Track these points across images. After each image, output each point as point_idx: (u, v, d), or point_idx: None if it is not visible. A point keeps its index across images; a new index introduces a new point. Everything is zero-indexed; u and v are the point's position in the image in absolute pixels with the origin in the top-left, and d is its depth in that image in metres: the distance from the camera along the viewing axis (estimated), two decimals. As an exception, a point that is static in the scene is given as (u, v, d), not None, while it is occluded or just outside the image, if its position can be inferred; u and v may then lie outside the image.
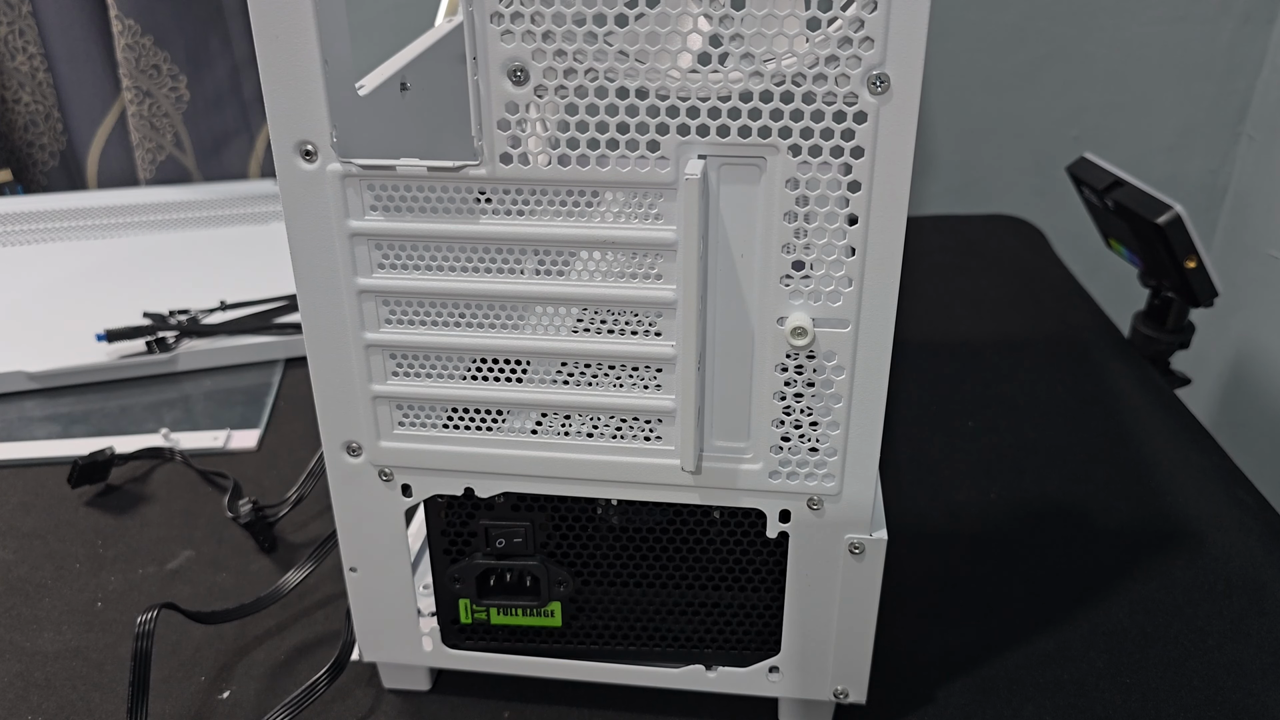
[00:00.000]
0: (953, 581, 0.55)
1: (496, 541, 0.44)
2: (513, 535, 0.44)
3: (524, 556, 0.44)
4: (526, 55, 0.34)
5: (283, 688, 0.49)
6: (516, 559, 0.44)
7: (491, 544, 0.44)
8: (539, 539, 0.44)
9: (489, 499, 0.43)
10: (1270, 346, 1.03)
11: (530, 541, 0.44)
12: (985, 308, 0.85)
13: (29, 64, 1.05)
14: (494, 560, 0.44)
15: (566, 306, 0.39)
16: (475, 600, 0.45)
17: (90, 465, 0.63)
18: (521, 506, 0.43)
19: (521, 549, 0.44)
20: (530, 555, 0.44)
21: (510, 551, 0.44)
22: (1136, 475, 0.63)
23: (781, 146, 0.34)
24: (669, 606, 0.45)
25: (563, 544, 0.44)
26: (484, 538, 0.44)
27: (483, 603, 0.45)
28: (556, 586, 0.45)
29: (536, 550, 0.44)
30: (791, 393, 0.39)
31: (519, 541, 0.44)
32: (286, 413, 0.73)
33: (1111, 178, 0.78)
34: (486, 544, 0.44)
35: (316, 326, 0.40)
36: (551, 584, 0.45)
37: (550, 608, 0.45)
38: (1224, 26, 1.03)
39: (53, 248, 0.95)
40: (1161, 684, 0.48)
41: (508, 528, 0.43)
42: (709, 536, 0.43)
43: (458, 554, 0.45)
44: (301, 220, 0.38)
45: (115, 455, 0.65)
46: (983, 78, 1.06)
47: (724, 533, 0.43)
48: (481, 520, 0.44)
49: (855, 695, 0.44)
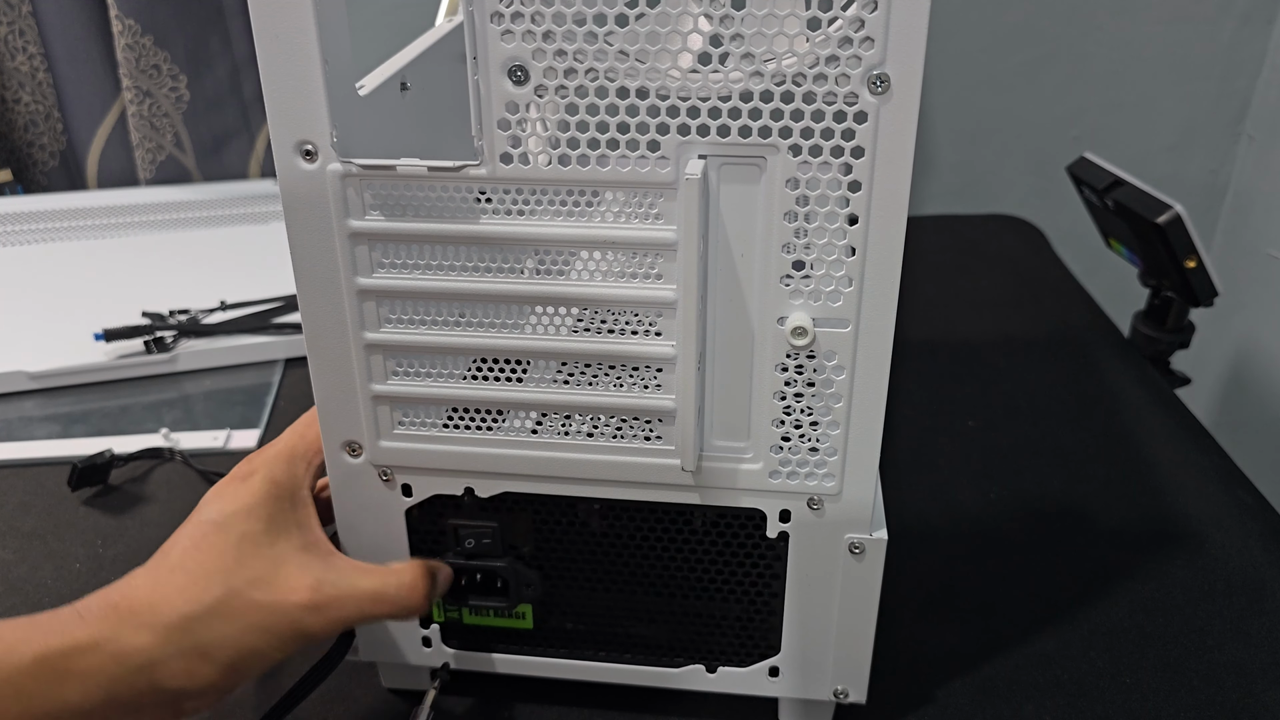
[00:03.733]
0: (953, 581, 0.55)
1: (465, 542, 0.44)
2: (481, 536, 0.44)
3: (492, 557, 0.44)
4: (527, 55, 0.34)
5: (283, 686, 0.49)
6: (484, 560, 0.44)
7: (460, 544, 0.44)
8: (508, 541, 0.44)
9: (458, 497, 0.43)
10: (1270, 346, 1.03)
11: (499, 543, 0.44)
12: (985, 308, 0.85)
13: (29, 64, 1.05)
14: (462, 560, 0.44)
15: (566, 306, 0.39)
16: (447, 601, 0.45)
17: (90, 468, 0.63)
18: (490, 507, 0.43)
19: (490, 550, 0.44)
20: (498, 556, 0.44)
21: (479, 552, 0.44)
22: (1136, 475, 0.63)
23: (782, 146, 0.34)
24: (650, 613, 0.45)
25: (539, 546, 0.44)
26: (453, 537, 0.44)
27: (454, 604, 0.45)
28: (525, 589, 0.44)
29: (505, 552, 0.44)
30: (792, 392, 0.39)
31: (487, 542, 0.44)
32: (287, 412, 0.73)
33: (1111, 177, 0.78)
34: (456, 544, 0.44)
35: (316, 326, 0.40)
36: (520, 586, 0.44)
37: (521, 609, 0.45)
38: (1224, 26, 1.03)
39: (53, 248, 0.95)
40: (1161, 684, 0.48)
41: (476, 528, 0.43)
42: (698, 539, 0.43)
43: (428, 553, 0.45)
44: (301, 220, 0.38)
45: (115, 457, 0.65)
46: (983, 78, 1.06)
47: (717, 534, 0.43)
48: (450, 520, 0.44)
49: (855, 695, 0.44)
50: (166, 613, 0.36)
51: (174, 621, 0.36)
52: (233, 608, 0.37)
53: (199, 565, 0.38)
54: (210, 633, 0.37)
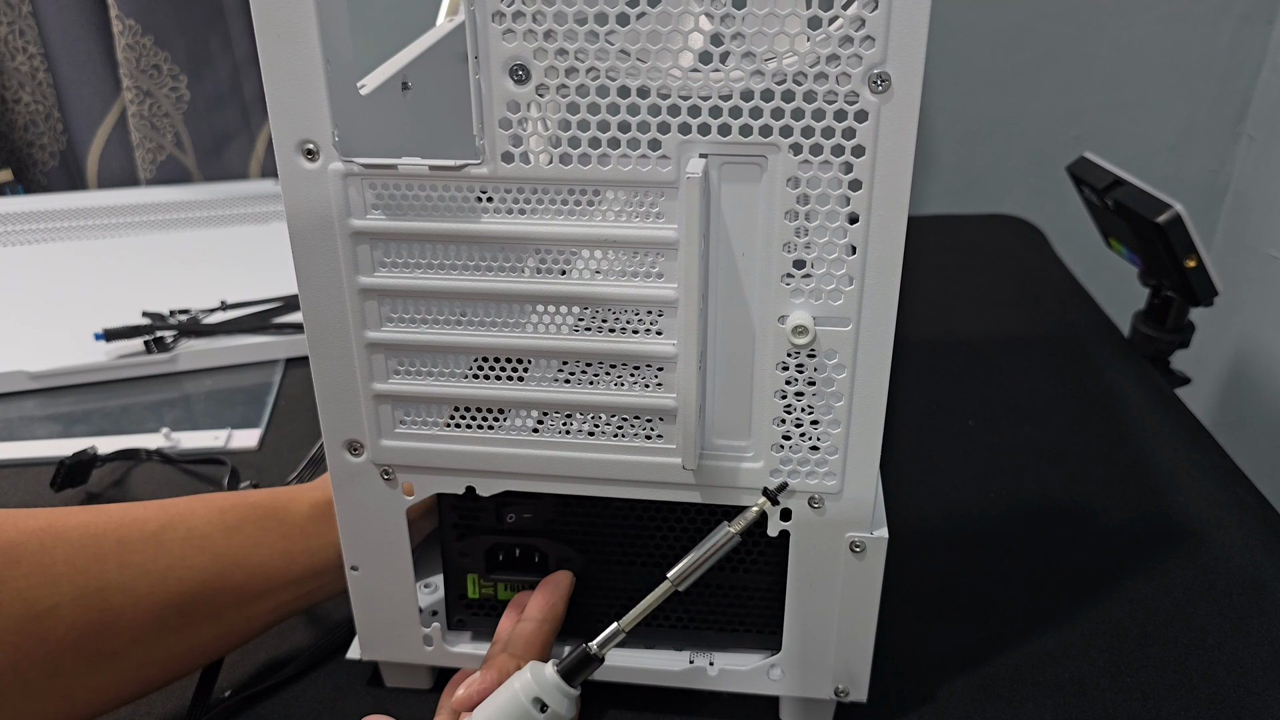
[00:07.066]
0: (953, 581, 0.55)
1: (506, 518, 0.44)
2: (522, 511, 0.44)
3: (532, 533, 0.44)
4: (528, 54, 0.34)
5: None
6: (525, 535, 0.44)
7: (501, 520, 0.44)
8: (547, 516, 0.44)
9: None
10: (1270, 346, 1.03)
11: (539, 518, 0.44)
12: (985, 308, 0.85)
13: (29, 64, 1.05)
14: (502, 536, 0.45)
15: (567, 305, 0.39)
16: (484, 575, 0.46)
17: (75, 465, 0.63)
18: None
19: (530, 525, 0.44)
20: (538, 532, 0.44)
21: (519, 528, 0.44)
22: (1136, 475, 0.63)
23: (782, 145, 0.35)
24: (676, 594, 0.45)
25: (570, 523, 0.44)
26: (493, 514, 0.44)
27: (490, 578, 0.46)
28: (564, 564, 0.45)
29: (545, 527, 0.44)
30: (792, 391, 0.39)
31: (528, 517, 0.44)
32: (287, 412, 0.73)
33: (1111, 177, 0.78)
34: (496, 520, 0.44)
35: (318, 326, 0.40)
36: (559, 561, 0.45)
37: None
38: (1224, 26, 1.03)
39: (53, 248, 0.95)
40: (1161, 684, 0.48)
41: (517, 504, 0.44)
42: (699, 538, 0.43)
43: (466, 529, 0.45)
44: (303, 219, 0.38)
45: (97, 455, 0.64)
46: (983, 78, 1.07)
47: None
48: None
49: (856, 694, 0.44)
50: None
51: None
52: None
53: None
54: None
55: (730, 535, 0.39)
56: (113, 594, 0.40)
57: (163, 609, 0.41)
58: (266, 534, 0.45)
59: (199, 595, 0.42)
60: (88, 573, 0.39)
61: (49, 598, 0.38)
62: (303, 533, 0.46)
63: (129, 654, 0.41)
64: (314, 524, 0.46)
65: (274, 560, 0.45)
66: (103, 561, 0.40)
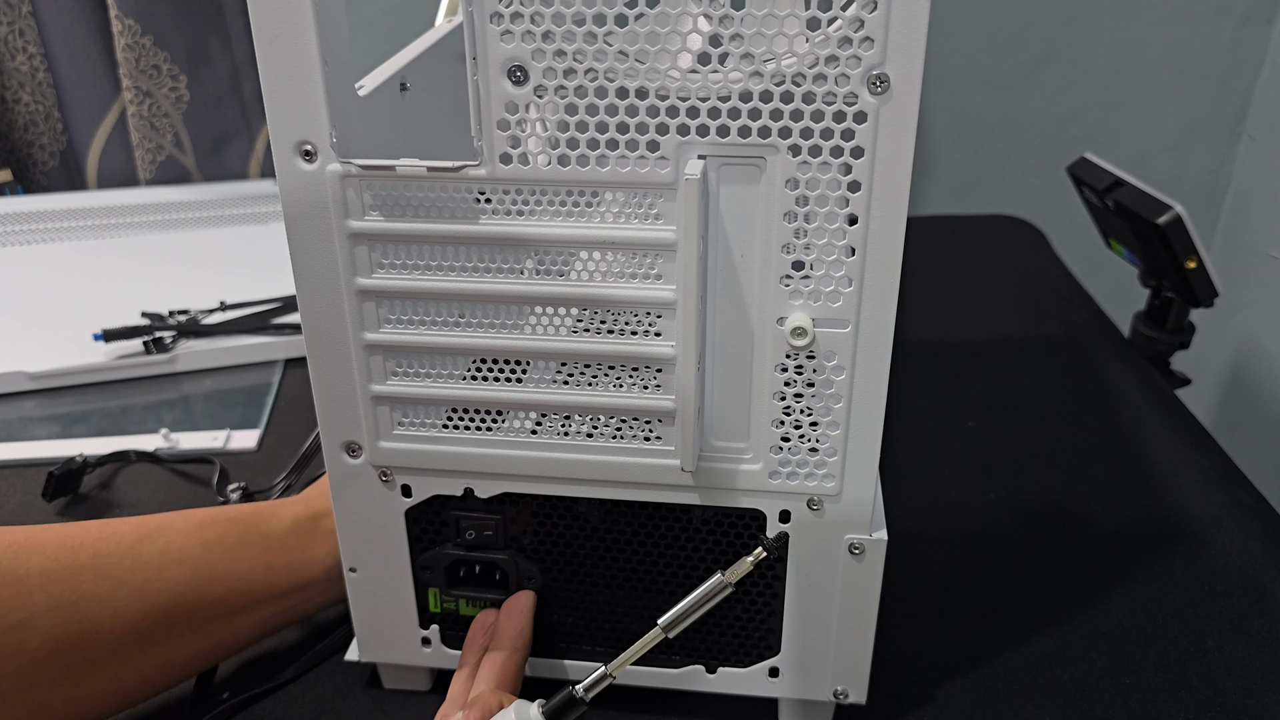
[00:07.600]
0: (953, 581, 0.55)
1: (466, 533, 0.44)
2: (483, 528, 0.44)
3: (493, 549, 0.44)
4: (526, 55, 0.34)
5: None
6: (485, 551, 0.44)
7: (461, 535, 0.44)
8: (510, 533, 0.44)
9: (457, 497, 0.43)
10: (1270, 346, 1.03)
11: (500, 534, 0.44)
12: (985, 308, 0.85)
13: (29, 64, 1.05)
14: (463, 551, 0.44)
15: (566, 307, 0.39)
16: (444, 590, 0.45)
17: (65, 474, 0.63)
18: (494, 500, 0.43)
19: (491, 541, 0.44)
20: (500, 548, 0.44)
21: (480, 544, 0.44)
22: (1136, 475, 0.63)
23: (781, 146, 0.34)
24: (649, 612, 0.45)
25: (537, 539, 0.44)
26: (454, 528, 0.44)
27: (451, 593, 0.45)
28: (526, 581, 0.45)
29: (506, 544, 0.44)
30: (791, 393, 0.39)
31: (489, 534, 0.44)
32: (286, 413, 0.73)
33: (1111, 178, 0.78)
34: (457, 534, 0.44)
35: (316, 327, 0.40)
36: (521, 578, 0.45)
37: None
38: (1224, 26, 1.03)
39: (53, 248, 0.95)
40: (1161, 684, 0.48)
41: (478, 519, 0.44)
42: (699, 539, 0.43)
43: (429, 542, 0.45)
44: (301, 221, 0.38)
45: (87, 462, 0.64)
46: (983, 78, 1.06)
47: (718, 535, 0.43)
48: (453, 510, 0.44)
49: (855, 695, 0.44)
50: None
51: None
52: None
53: None
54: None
55: (724, 584, 0.40)
56: (89, 606, 0.40)
57: (141, 621, 0.41)
58: (248, 547, 0.45)
59: (179, 608, 0.43)
60: (62, 584, 0.40)
61: (23, 609, 0.38)
62: (285, 546, 0.47)
63: (107, 666, 0.41)
64: (296, 538, 0.47)
65: (255, 574, 0.45)
66: (78, 574, 0.40)
